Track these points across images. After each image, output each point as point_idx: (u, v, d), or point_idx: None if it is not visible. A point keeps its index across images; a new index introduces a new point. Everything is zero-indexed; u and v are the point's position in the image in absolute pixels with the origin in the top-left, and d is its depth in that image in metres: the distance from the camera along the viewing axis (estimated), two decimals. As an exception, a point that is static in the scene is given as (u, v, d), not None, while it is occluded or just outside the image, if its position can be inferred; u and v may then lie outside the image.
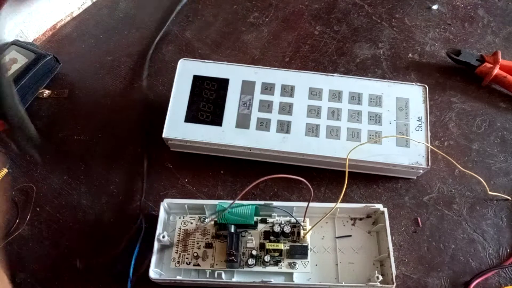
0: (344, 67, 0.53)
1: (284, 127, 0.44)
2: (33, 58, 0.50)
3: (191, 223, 0.41)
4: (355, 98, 0.45)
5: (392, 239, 0.39)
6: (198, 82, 0.46)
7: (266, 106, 0.45)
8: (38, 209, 0.45)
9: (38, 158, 0.47)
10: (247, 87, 0.46)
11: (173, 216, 0.42)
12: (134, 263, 0.40)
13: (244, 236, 0.40)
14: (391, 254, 0.38)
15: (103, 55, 0.54)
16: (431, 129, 0.46)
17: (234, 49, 0.55)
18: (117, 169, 0.47)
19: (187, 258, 0.39)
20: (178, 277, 0.38)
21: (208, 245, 0.40)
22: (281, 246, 0.39)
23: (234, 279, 0.39)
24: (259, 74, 0.47)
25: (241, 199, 0.44)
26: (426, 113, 0.45)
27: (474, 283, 0.40)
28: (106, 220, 0.44)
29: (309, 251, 0.39)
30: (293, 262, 0.38)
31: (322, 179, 0.46)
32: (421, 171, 0.43)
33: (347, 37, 0.55)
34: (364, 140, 0.43)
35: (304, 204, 0.38)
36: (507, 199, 0.44)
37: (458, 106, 0.50)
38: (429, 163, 0.42)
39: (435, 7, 0.57)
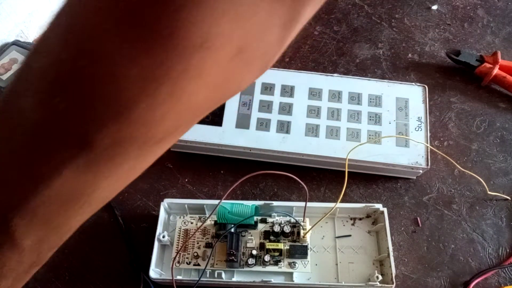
0: (343, 67, 0.53)
1: (284, 127, 0.44)
2: (34, 58, 0.51)
3: (191, 223, 0.41)
4: (355, 98, 0.46)
5: (391, 239, 0.39)
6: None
7: (266, 106, 0.45)
8: (38, 209, 0.45)
9: None
10: (247, 87, 0.46)
11: (173, 216, 0.42)
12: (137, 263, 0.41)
13: (244, 236, 0.40)
14: (391, 254, 0.38)
15: (103, 55, 0.54)
16: (430, 129, 0.46)
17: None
18: (117, 169, 0.47)
19: (187, 258, 0.39)
20: (179, 277, 0.38)
21: (208, 245, 0.40)
22: (281, 246, 0.39)
23: (234, 279, 0.39)
24: (259, 74, 0.47)
25: (242, 199, 0.44)
26: (426, 113, 0.45)
27: (473, 283, 0.40)
28: (106, 220, 0.44)
29: (309, 251, 0.39)
30: (293, 262, 0.38)
31: (322, 179, 0.46)
32: (421, 171, 0.44)
33: (347, 37, 0.55)
34: (364, 140, 0.43)
35: (304, 204, 0.38)
36: (507, 199, 0.44)
37: (457, 106, 0.50)
38: (429, 163, 0.42)
39: (434, 7, 0.57)
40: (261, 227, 0.40)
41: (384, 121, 0.44)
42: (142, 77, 0.14)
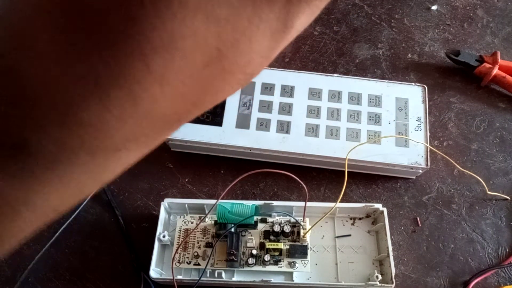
0: (343, 67, 0.53)
1: (284, 127, 0.44)
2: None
3: (192, 222, 0.41)
4: (355, 98, 0.46)
5: (391, 239, 0.39)
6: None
7: (266, 106, 0.45)
8: (39, 209, 0.45)
9: None
10: (247, 87, 0.46)
11: (174, 216, 0.42)
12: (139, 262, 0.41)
13: (244, 235, 0.40)
14: (391, 253, 0.38)
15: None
16: (430, 129, 0.47)
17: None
18: (117, 169, 0.47)
19: (187, 257, 0.39)
20: (179, 277, 0.39)
21: (208, 245, 0.40)
22: (281, 245, 0.39)
23: (234, 278, 0.39)
24: (259, 75, 0.47)
25: (242, 198, 0.45)
26: (425, 113, 0.45)
27: (473, 283, 0.40)
28: (106, 220, 0.44)
29: (308, 251, 0.39)
30: (293, 262, 0.38)
31: (321, 179, 0.46)
32: (420, 171, 0.44)
33: (347, 37, 0.55)
34: (364, 140, 0.44)
35: (304, 204, 0.38)
36: (506, 199, 0.44)
37: (457, 106, 0.50)
38: (428, 163, 0.43)
39: (434, 7, 0.57)
40: (261, 226, 0.41)
41: (383, 121, 0.45)
42: (91, 77, 0.12)
